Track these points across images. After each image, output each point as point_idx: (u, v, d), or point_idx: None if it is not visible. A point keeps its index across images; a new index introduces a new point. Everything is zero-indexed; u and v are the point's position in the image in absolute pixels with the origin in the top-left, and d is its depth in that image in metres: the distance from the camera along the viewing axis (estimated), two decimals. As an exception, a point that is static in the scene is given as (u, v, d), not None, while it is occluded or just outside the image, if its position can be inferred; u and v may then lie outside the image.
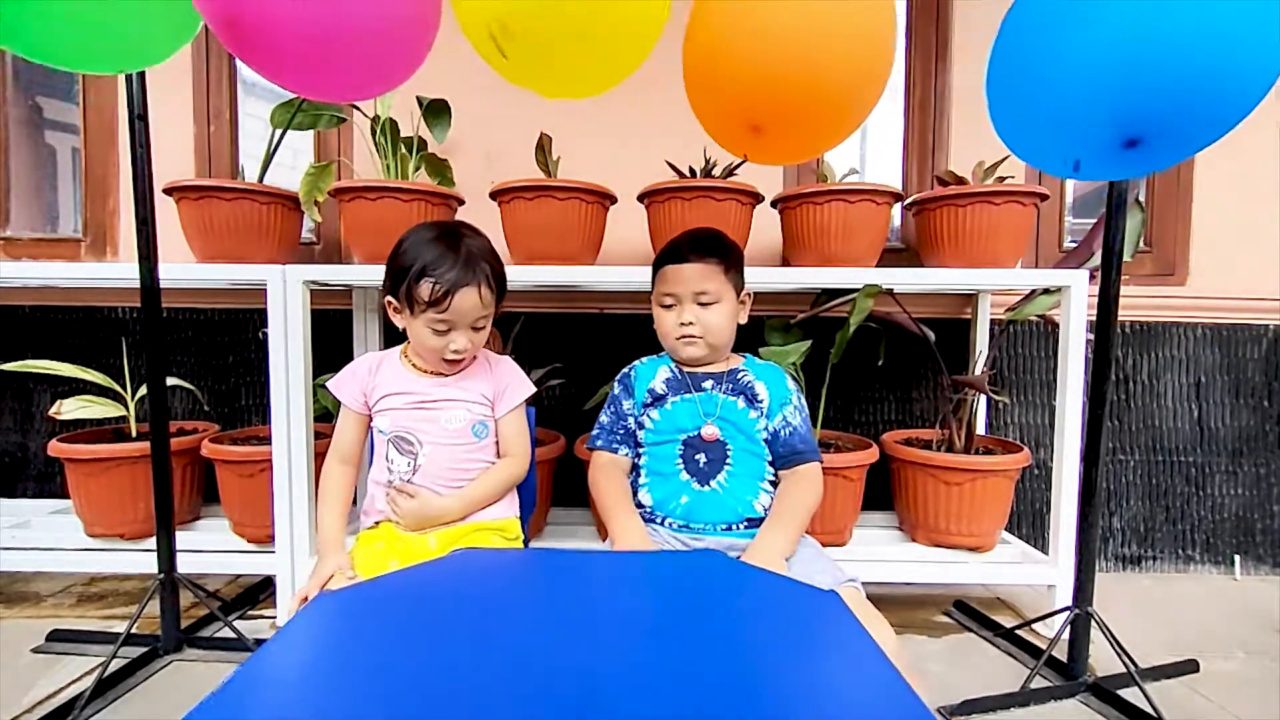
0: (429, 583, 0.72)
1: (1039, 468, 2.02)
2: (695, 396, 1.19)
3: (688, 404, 1.19)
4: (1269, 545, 2.03)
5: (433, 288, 1.02)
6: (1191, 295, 2.00)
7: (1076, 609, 1.34)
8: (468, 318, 1.06)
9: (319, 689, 0.51)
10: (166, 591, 1.39)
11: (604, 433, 1.24)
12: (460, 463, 1.12)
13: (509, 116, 1.93)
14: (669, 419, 1.18)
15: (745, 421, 1.17)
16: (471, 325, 1.08)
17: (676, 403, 1.19)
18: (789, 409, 1.18)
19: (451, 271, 1.03)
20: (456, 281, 1.03)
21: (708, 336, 1.17)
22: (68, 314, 2.04)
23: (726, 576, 0.76)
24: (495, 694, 0.49)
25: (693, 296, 1.16)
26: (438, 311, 1.04)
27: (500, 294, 1.11)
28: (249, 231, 1.66)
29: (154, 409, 1.36)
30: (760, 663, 0.55)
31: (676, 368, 1.23)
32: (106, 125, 2.04)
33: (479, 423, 1.13)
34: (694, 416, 1.17)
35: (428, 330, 1.06)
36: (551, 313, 2.01)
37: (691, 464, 1.16)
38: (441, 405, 1.11)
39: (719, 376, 1.20)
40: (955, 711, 1.28)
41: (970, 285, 1.75)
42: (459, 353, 1.08)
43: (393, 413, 1.11)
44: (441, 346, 1.07)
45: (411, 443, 1.10)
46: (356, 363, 1.16)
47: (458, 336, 1.07)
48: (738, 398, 1.18)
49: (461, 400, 1.13)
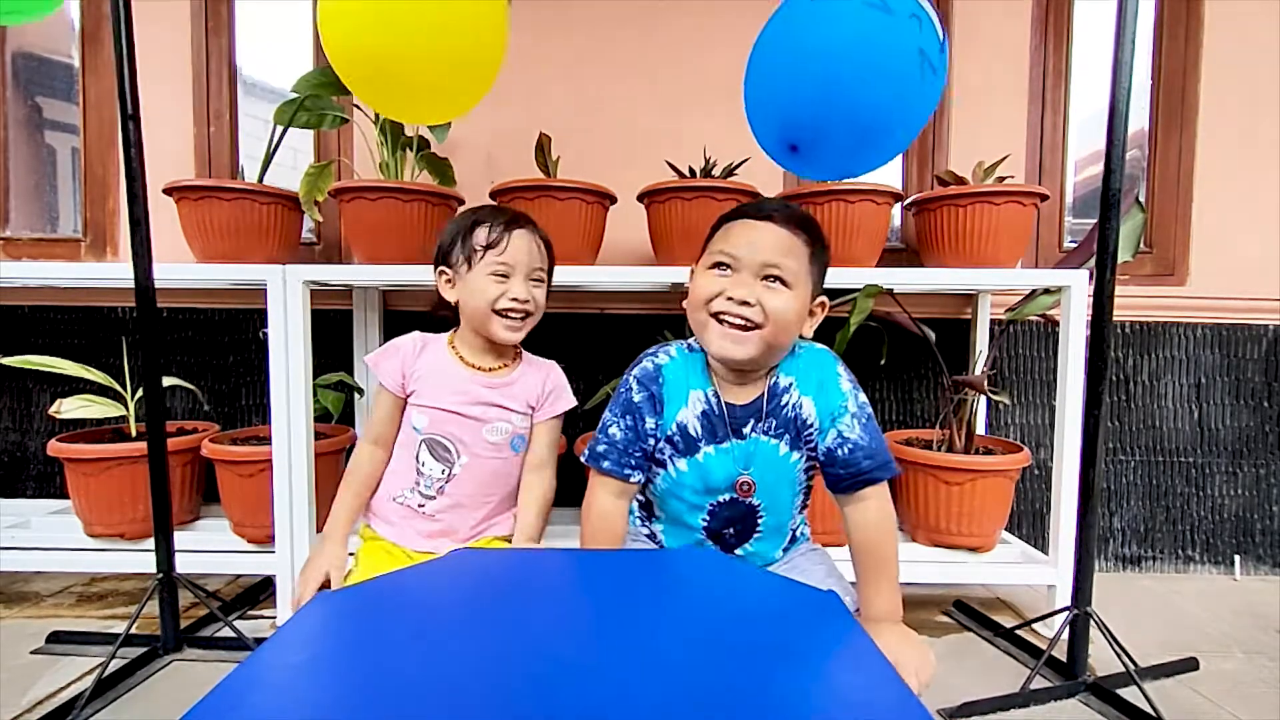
0: (428, 583, 0.71)
1: (1039, 468, 2.02)
2: (733, 445, 0.93)
3: (723, 456, 0.93)
4: (1269, 545, 2.03)
5: (489, 229, 1.05)
6: (1191, 295, 2.00)
7: (1076, 609, 1.34)
8: (525, 263, 1.06)
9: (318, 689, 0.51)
10: (166, 591, 1.39)
11: (614, 451, 0.94)
12: (497, 475, 1.09)
13: (509, 116, 1.93)
14: (699, 475, 0.94)
15: (785, 468, 0.95)
16: (529, 276, 1.07)
17: (710, 455, 0.93)
18: (845, 420, 0.91)
19: (504, 216, 1.07)
20: (511, 221, 1.06)
21: (769, 327, 0.87)
22: (68, 314, 2.04)
23: (726, 576, 0.76)
24: (494, 694, 0.49)
25: (761, 268, 0.87)
26: (497, 254, 1.04)
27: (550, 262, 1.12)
28: (249, 231, 1.66)
29: (150, 409, 1.36)
30: (759, 663, 0.55)
31: (713, 396, 0.94)
32: (106, 125, 2.04)
33: (519, 435, 1.10)
34: (729, 472, 0.94)
35: (488, 280, 1.05)
36: (551, 313, 1.99)
37: (716, 537, 0.98)
38: (486, 413, 1.07)
39: (759, 410, 0.93)
40: (955, 713, 1.28)
41: (970, 285, 1.75)
42: (517, 302, 1.05)
43: (433, 412, 1.07)
44: (500, 294, 1.05)
45: (450, 450, 1.06)
46: (401, 339, 1.12)
47: (516, 284, 1.05)
48: (780, 440, 0.94)
49: (506, 409, 1.09)
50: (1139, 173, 2.06)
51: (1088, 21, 2.01)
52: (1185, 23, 1.97)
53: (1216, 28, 1.95)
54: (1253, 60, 1.95)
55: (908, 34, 1.08)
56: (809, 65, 1.11)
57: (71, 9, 2.06)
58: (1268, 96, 1.95)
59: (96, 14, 2.02)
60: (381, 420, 1.11)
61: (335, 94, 1.70)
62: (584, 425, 1.94)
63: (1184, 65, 1.98)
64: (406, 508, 1.08)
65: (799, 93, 1.13)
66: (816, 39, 1.12)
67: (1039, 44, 2.01)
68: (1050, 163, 2.04)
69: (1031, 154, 2.03)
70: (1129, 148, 1.34)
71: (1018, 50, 2.01)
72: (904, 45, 1.08)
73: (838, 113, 1.11)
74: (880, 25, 1.07)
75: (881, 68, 1.08)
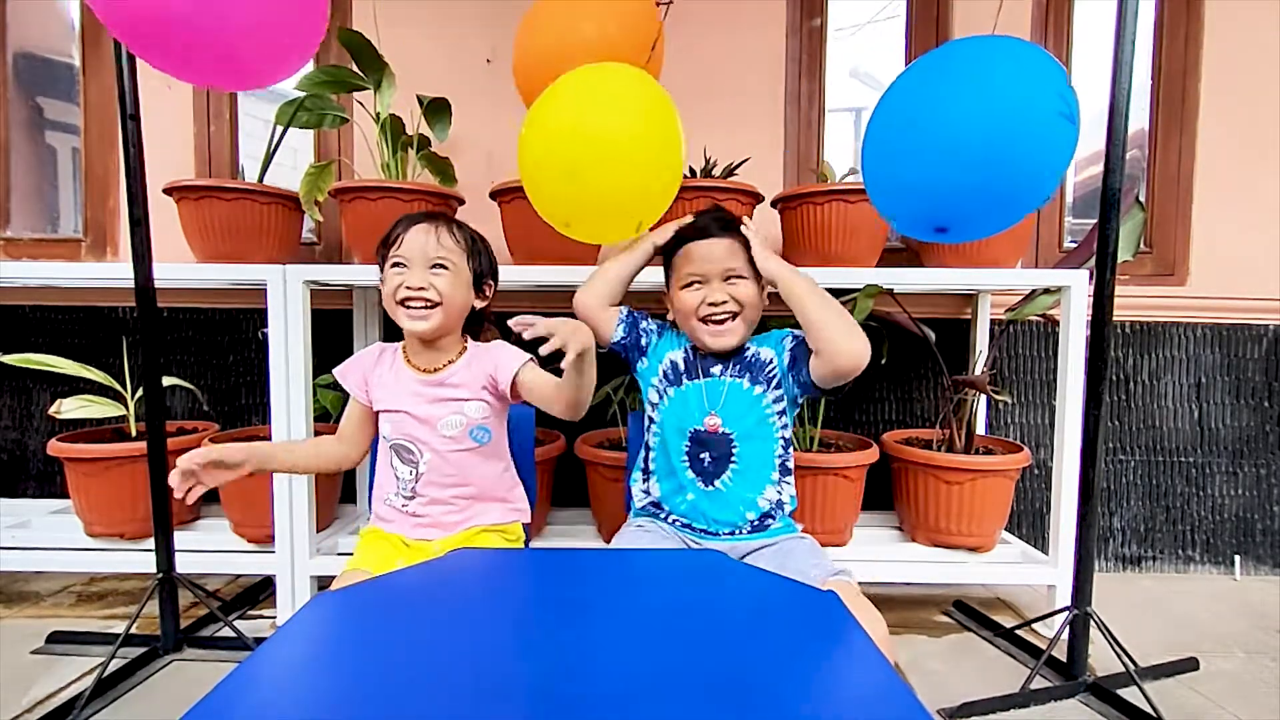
0: (428, 583, 0.72)
1: (1039, 468, 2.02)
2: (703, 383, 1.17)
3: (694, 391, 1.17)
4: (1269, 545, 2.03)
5: (391, 231, 1.10)
6: (1191, 295, 2.00)
7: (1076, 609, 1.34)
8: (421, 254, 1.07)
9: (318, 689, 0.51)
10: (166, 591, 1.39)
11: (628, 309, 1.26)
12: (464, 467, 1.10)
13: (510, 116, 1.93)
14: (676, 407, 1.17)
15: (751, 401, 1.15)
16: (429, 265, 1.07)
17: (683, 389, 1.18)
18: (786, 338, 1.17)
19: (408, 219, 1.10)
20: (411, 222, 1.09)
21: (746, 311, 1.14)
22: (68, 314, 2.04)
23: (726, 576, 0.76)
24: (494, 694, 0.49)
25: (722, 274, 1.13)
26: (395, 249, 1.08)
27: (472, 254, 1.12)
28: (249, 231, 1.66)
29: (150, 408, 1.36)
30: (759, 663, 0.55)
31: (690, 350, 1.20)
32: (107, 125, 2.04)
33: (477, 425, 1.11)
34: (699, 408, 1.16)
35: (390, 274, 1.09)
36: (551, 313, 2.00)
37: (697, 463, 1.15)
38: (435, 410, 1.09)
39: (726, 361, 1.18)
40: (955, 713, 1.28)
41: (970, 285, 1.75)
42: (412, 290, 1.06)
43: (393, 418, 1.11)
44: (398, 285, 1.07)
45: (413, 452, 1.10)
46: (363, 351, 1.18)
47: (411, 273, 1.07)
48: (743, 378, 1.16)
49: (456, 400, 1.10)
50: (1139, 173, 2.06)
51: (1088, 21, 2.01)
52: (1185, 23, 1.97)
53: (1216, 28, 1.95)
54: (1253, 60, 1.95)
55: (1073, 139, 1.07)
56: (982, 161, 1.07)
57: (71, 9, 2.06)
58: (1268, 96, 1.95)
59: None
60: (347, 420, 1.16)
61: (335, 93, 1.70)
62: (584, 425, 1.93)
63: (1184, 65, 1.98)
64: (393, 509, 1.12)
65: (960, 184, 1.10)
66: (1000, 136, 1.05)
67: (1039, 44, 2.01)
68: (1050, 163, 2.04)
69: (1031, 154, 2.03)
70: (1129, 148, 1.34)
71: (1018, 50, 2.00)
72: (1070, 149, 1.08)
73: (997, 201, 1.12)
74: (1066, 135, 1.06)
75: (1054, 170, 1.09)
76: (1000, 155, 1.06)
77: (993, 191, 1.09)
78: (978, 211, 1.14)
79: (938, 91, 1.10)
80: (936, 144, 1.09)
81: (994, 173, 1.07)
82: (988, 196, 1.10)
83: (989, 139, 1.05)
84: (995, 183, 1.08)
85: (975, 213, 1.14)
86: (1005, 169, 1.07)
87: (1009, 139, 1.04)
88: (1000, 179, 1.07)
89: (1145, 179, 2.05)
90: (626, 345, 1.25)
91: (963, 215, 1.15)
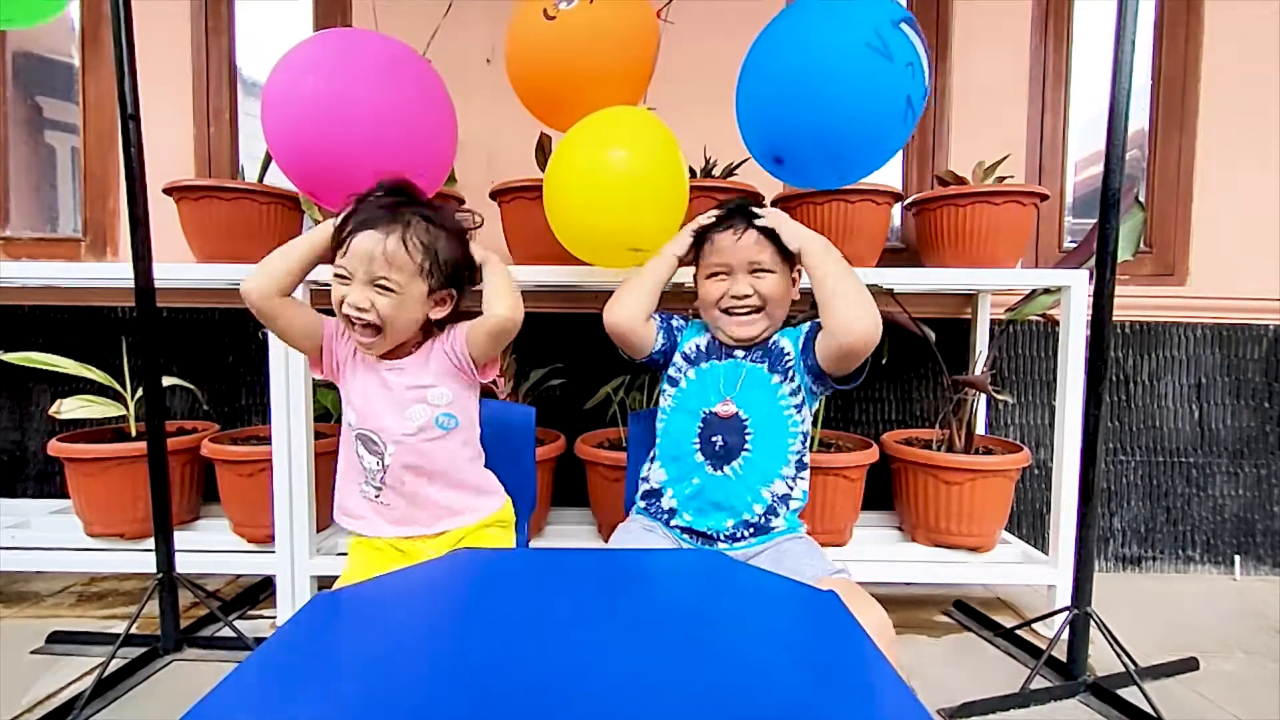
0: (428, 583, 0.71)
1: (1039, 468, 2.02)
2: (722, 365, 1.16)
3: (713, 372, 1.16)
4: (1269, 546, 2.03)
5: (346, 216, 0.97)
6: (1191, 295, 2.00)
7: (1076, 609, 1.34)
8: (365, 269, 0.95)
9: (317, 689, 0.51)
10: (166, 591, 1.39)
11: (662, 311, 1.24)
12: (432, 457, 1.06)
13: (509, 116, 1.93)
14: (694, 388, 1.16)
15: (769, 389, 1.13)
16: (372, 280, 0.95)
17: (704, 369, 1.17)
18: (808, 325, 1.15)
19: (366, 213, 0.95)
20: (364, 217, 0.95)
21: (769, 305, 1.12)
22: (68, 314, 2.04)
23: (725, 576, 0.76)
24: (494, 694, 0.49)
25: (747, 266, 1.12)
26: (342, 255, 0.95)
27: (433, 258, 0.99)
28: (249, 231, 1.66)
29: (150, 408, 1.36)
30: (759, 663, 0.55)
31: (712, 337, 1.19)
32: (106, 125, 2.04)
33: (443, 413, 1.06)
34: (715, 391, 1.14)
35: (335, 281, 0.97)
36: (551, 313, 2.00)
37: (708, 445, 1.12)
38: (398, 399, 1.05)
39: (750, 348, 1.16)
40: (955, 713, 1.28)
41: (970, 285, 1.75)
42: (355, 308, 0.96)
43: (357, 406, 1.06)
44: (338, 300, 0.97)
45: (377, 442, 1.05)
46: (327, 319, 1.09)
47: (352, 289, 0.96)
48: (763, 364, 1.15)
49: (419, 387, 1.06)
50: (1139, 173, 2.06)
51: (1088, 22, 2.01)
52: (1185, 23, 1.97)
53: (1216, 28, 1.95)
54: (1253, 60, 1.95)
55: (900, 82, 1.16)
56: (800, 91, 1.19)
57: (71, 9, 2.06)
58: (1268, 97, 1.95)
59: (96, 14, 2.02)
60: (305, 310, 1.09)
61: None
62: (584, 425, 1.94)
63: (1184, 65, 1.98)
64: (366, 500, 1.08)
65: (788, 115, 1.22)
66: (812, 66, 1.18)
67: (1039, 44, 2.01)
68: (1050, 163, 2.04)
69: (1031, 154, 2.03)
70: (1129, 148, 1.34)
71: (1018, 50, 2.01)
72: (895, 93, 1.17)
73: (823, 139, 1.23)
74: (877, 70, 1.14)
75: (871, 110, 1.18)
76: (815, 87, 1.17)
77: (815, 125, 1.20)
78: (806, 146, 1.25)
79: (775, 30, 1.26)
80: (767, 77, 1.25)
81: (812, 105, 1.19)
82: (812, 130, 1.21)
83: (803, 71, 1.18)
84: (817, 117, 1.19)
85: (803, 147, 1.26)
86: (823, 101, 1.18)
87: (820, 71, 1.17)
88: (820, 113, 1.19)
89: (1145, 179, 2.05)
90: (666, 351, 1.22)
91: (792, 148, 1.27)
